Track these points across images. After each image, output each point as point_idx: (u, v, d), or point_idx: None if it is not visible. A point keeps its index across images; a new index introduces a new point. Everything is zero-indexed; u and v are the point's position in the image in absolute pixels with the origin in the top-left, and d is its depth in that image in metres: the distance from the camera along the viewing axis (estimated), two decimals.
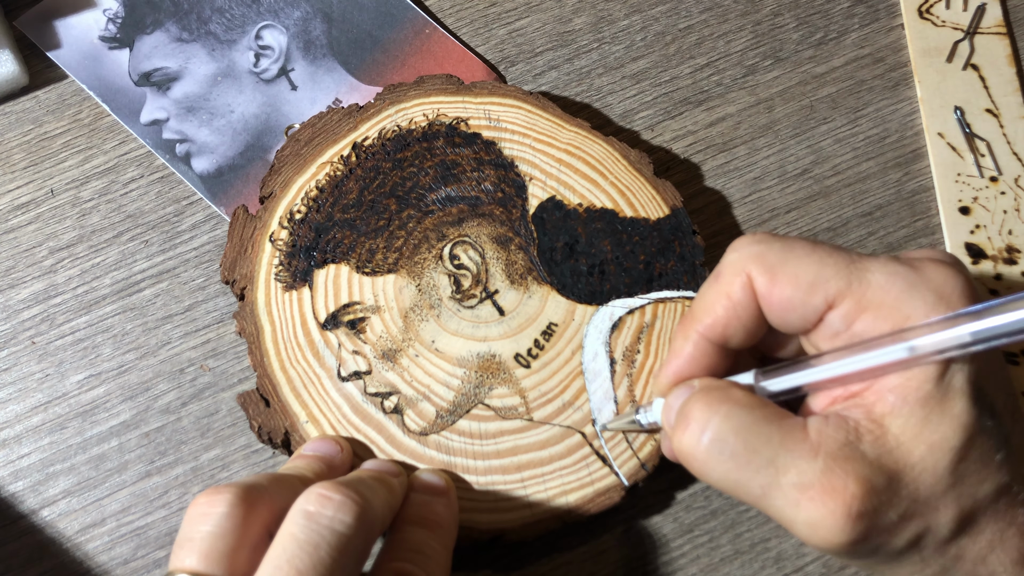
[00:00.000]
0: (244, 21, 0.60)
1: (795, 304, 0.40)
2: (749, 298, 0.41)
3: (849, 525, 0.37)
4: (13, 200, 0.57)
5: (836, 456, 0.38)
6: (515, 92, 0.55)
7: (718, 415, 0.40)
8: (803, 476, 0.38)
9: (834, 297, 0.40)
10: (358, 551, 0.40)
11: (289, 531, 0.39)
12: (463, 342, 0.51)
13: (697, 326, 0.43)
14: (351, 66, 0.59)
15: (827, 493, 0.37)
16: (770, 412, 0.40)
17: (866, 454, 0.38)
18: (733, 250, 0.42)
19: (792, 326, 0.42)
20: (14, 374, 0.53)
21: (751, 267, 0.41)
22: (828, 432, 0.38)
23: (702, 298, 0.43)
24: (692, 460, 0.41)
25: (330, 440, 0.48)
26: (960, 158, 0.58)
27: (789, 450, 0.38)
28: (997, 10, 0.61)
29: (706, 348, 0.43)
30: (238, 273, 0.52)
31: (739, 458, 0.39)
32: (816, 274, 0.40)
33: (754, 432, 0.39)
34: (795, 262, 0.40)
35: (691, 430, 0.40)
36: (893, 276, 0.39)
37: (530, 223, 0.53)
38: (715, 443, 0.40)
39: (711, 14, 0.62)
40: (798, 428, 0.39)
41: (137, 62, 0.59)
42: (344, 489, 0.41)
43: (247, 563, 0.40)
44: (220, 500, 0.40)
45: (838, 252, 0.40)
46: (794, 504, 0.38)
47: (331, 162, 0.54)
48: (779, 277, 0.40)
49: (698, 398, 0.41)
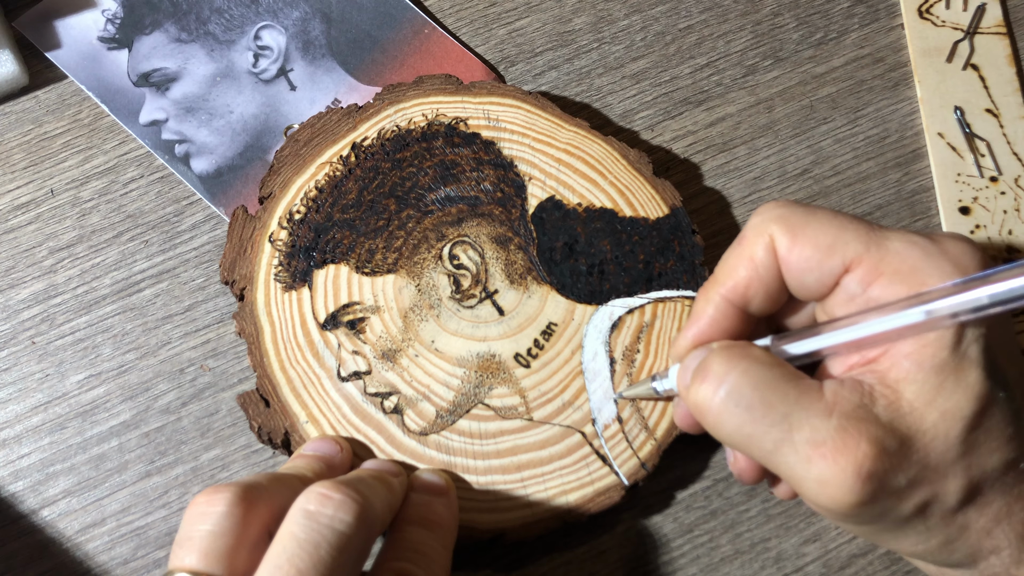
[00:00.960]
0: (243, 21, 0.60)
1: (813, 265, 0.41)
2: (771, 260, 0.42)
3: (859, 485, 0.37)
4: (13, 200, 0.57)
5: (850, 416, 0.38)
6: (514, 92, 0.55)
7: (736, 369, 0.40)
8: (816, 433, 0.38)
9: (851, 260, 0.40)
10: (358, 550, 0.40)
11: (289, 530, 0.39)
12: (463, 342, 0.51)
13: (720, 288, 0.43)
14: (350, 66, 0.59)
15: (839, 451, 0.37)
16: (788, 371, 0.40)
17: (879, 417, 0.38)
18: (757, 214, 0.43)
19: (809, 289, 0.42)
20: (14, 374, 0.53)
21: (773, 228, 0.42)
22: (843, 394, 0.39)
23: (725, 262, 0.44)
24: (707, 413, 0.41)
25: (330, 440, 0.48)
26: (960, 158, 0.58)
27: (804, 408, 0.39)
28: (997, 10, 0.61)
29: (727, 311, 0.43)
30: (237, 273, 0.52)
31: (754, 411, 0.39)
32: (836, 237, 0.40)
33: (771, 387, 0.39)
34: (816, 224, 0.41)
35: (708, 382, 0.41)
36: (911, 244, 0.40)
37: (529, 223, 0.53)
38: (732, 395, 0.40)
39: (711, 14, 0.62)
40: (814, 388, 0.39)
41: (136, 63, 0.59)
42: (344, 488, 0.41)
43: (247, 562, 0.40)
44: (219, 499, 0.40)
45: (859, 220, 0.41)
46: (805, 460, 0.38)
47: (330, 162, 0.54)
48: (799, 238, 0.41)
49: (718, 352, 0.41)
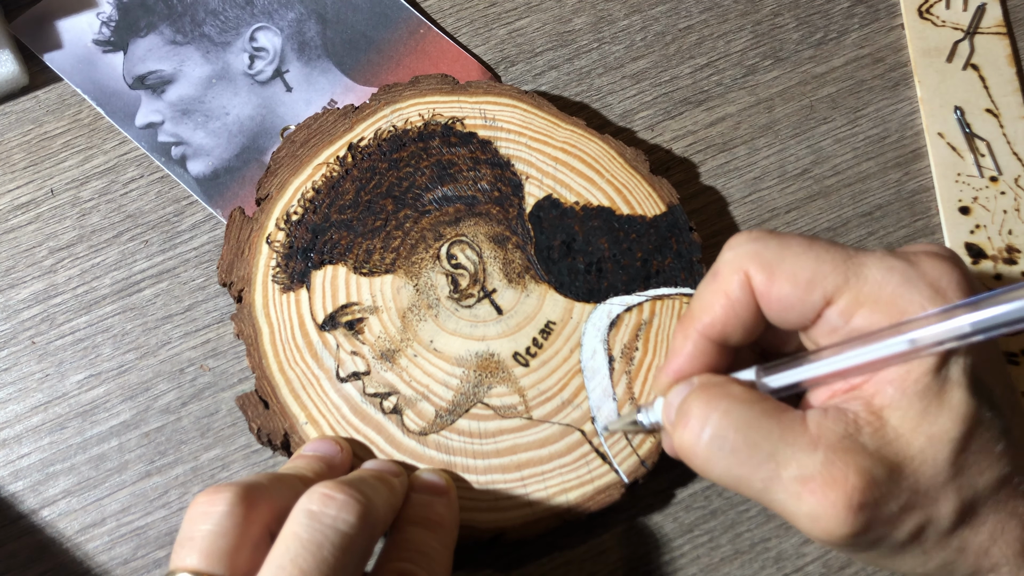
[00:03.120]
0: (238, 23, 0.60)
1: (793, 302, 0.40)
2: (747, 296, 0.41)
3: (851, 517, 0.37)
4: (13, 200, 0.57)
5: (836, 448, 0.38)
6: (510, 91, 0.55)
7: (717, 411, 0.40)
8: (804, 469, 0.38)
9: (832, 294, 0.40)
10: (361, 550, 0.40)
11: (292, 530, 0.39)
12: (461, 341, 0.51)
13: (696, 325, 0.43)
14: (346, 67, 0.59)
15: (828, 485, 0.37)
16: (769, 406, 0.40)
17: (866, 446, 0.38)
18: (729, 248, 0.42)
19: (791, 323, 0.42)
20: (14, 374, 0.54)
21: (748, 265, 0.41)
22: (827, 424, 0.39)
23: (700, 297, 0.43)
24: (693, 457, 0.41)
25: (330, 440, 0.48)
26: (960, 158, 0.58)
27: (789, 444, 0.38)
28: (997, 10, 0.61)
29: (706, 346, 0.43)
30: (235, 275, 0.52)
31: (739, 453, 0.39)
32: (814, 271, 0.40)
33: (754, 427, 0.39)
34: (792, 259, 0.40)
35: (691, 427, 0.40)
36: (889, 271, 0.39)
37: (527, 222, 0.53)
38: (715, 439, 0.39)
39: (711, 14, 0.62)
40: (797, 422, 0.39)
41: (131, 65, 0.59)
42: (347, 488, 0.41)
43: (248, 562, 0.40)
44: (220, 499, 0.40)
45: (834, 248, 0.41)
46: (795, 497, 0.38)
47: (327, 163, 0.54)
48: (777, 275, 0.40)
49: (697, 395, 0.41)
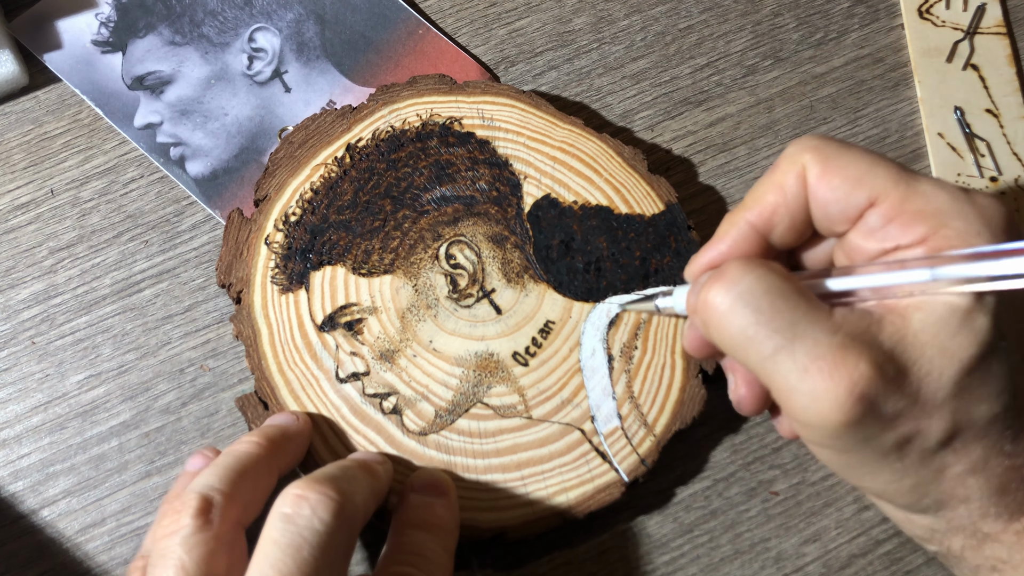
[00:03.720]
0: (237, 24, 0.60)
1: (840, 196, 0.41)
2: (800, 188, 0.42)
3: (849, 403, 0.37)
4: (13, 200, 0.57)
5: (855, 337, 0.38)
6: (508, 91, 0.56)
7: (752, 274, 0.40)
8: (818, 346, 0.38)
9: (878, 195, 0.40)
10: (341, 545, 0.41)
11: (270, 536, 0.40)
12: (461, 341, 0.51)
13: (745, 213, 0.43)
14: (344, 67, 0.59)
15: (837, 367, 0.38)
16: (802, 287, 0.40)
17: (883, 343, 0.38)
18: (793, 144, 0.43)
19: (833, 220, 0.42)
20: (14, 374, 0.54)
21: (807, 157, 0.42)
22: (851, 318, 0.39)
23: (755, 188, 0.44)
24: (713, 312, 0.40)
25: (285, 413, 0.49)
26: (960, 158, 0.58)
27: (811, 321, 0.39)
28: (997, 10, 0.61)
29: (749, 236, 0.43)
30: (234, 276, 0.52)
31: (762, 313, 0.39)
32: (866, 171, 0.40)
33: (783, 295, 0.39)
34: (849, 157, 0.41)
35: (722, 282, 0.40)
36: (940, 188, 0.40)
37: (525, 221, 0.53)
38: (742, 297, 0.40)
39: (711, 14, 0.62)
40: (824, 308, 0.39)
41: (130, 66, 0.59)
42: (318, 487, 0.41)
43: (226, 561, 0.41)
44: (182, 516, 0.41)
45: (893, 161, 0.41)
46: (802, 370, 0.38)
47: (325, 164, 0.54)
48: (830, 168, 0.41)
49: (737, 259, 0.41)
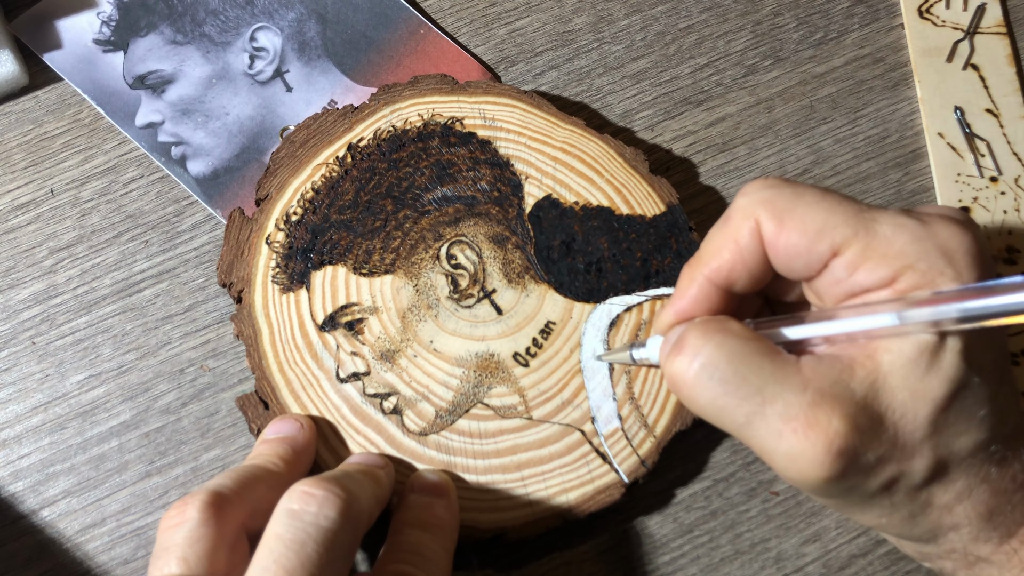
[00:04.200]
0: (238, 23, 0.60)
1: (800, 251, 0.40)
2: (756, 243, 0.42)
3: (828, 460, 0.37)
4: (13, 200, 0.57)
5: (824, 392, 0.38)
6: (510, 91, 0.55)
7: (711, 342, 0.40)
8: (789, 408, 0.38)
9: (840, 245, 0.40)
10: (345, 544, 0.41)
11: (274, 531, 0.40)
12: (461, 342, 0.51)
13: (703, 269, 0.43)
14: (346, 67, 0.59)
15: (811, 427, 0.38)
16: (764, 346, 0.40)
17: (855, 392, 0.38)
18: (743, 195, 0.42)
19: (796, 272, 0.42)
20: (14, 374, 0.54)
21: (760, 212, 0.41)
22: (820, 369, 0.39)
23: (710, 241, 0.43)
24: (681, 385, 0.41)
25: (289, 419, 0.49)
26: (960, 158, 0.58)
27: (779, 382, 0.39)
28: (997, 10, 0.61)
29: (710, 291, 0.43)
30: (235, 276, 0.52)
31: (728, 384, 0.39)
32: (824, 221, 0.40)
33: (746, 361, 0.39)
34: (804, 209, 0.40)
35: (684, 354, 0.41)
36: (900, 228, 0.39)
37: (526, 222, 0.53)
38: (706, 368, 0.40)
39: (711, 14, 0.62)
40: (791, 363, 0.39)
41: (131, 65, 0.59)
42: (326, 484, 0.41)
43: (227, 562, 0.41)
44: (190, 508, 0.41)
45: (847, 201, 0.41)
46: (776, 434, 0.38)
47: (327, 163, 0.54)
48: (787, 223, 0.40)
49: (695, 326, 0.41)
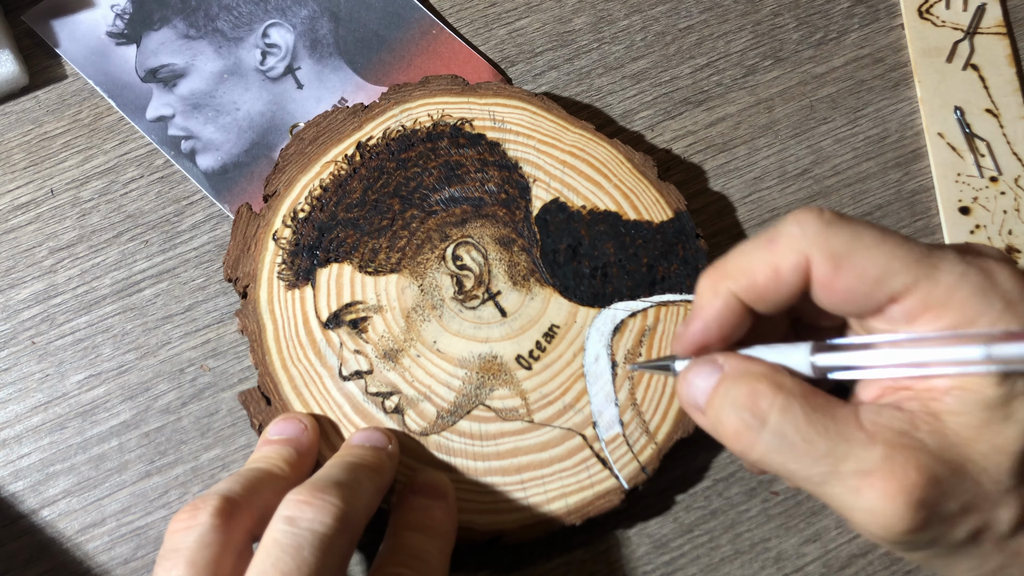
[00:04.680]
0: (251, 19, 0.60)
1: (857, 297, 0.39)
2: (799, 278, 0.39)
3: (910, 513, 0.36)
4: (13, 200, 0.56)
5: (895, 444, 0.37)
6: (520, 93, 0.55)
7: (775, 408, 0.38)
8: (862, 463, 0.37)
9: (899, 292, 0.38)
10: (342, 550, 0.41)
11: (272, 537, 0.41)
12: (465, 343, 0.51)
13: (731, 283, 0.41)
14: (357, 65, 0.59)
15: (888, 480, 0.36)
16: (822, 401, 0.39)
17: (926, 443, 0.37)
18: (796, 223, 0.39)
19: (846, 312, 0.40)
20: (14, 374, 0.53)
21: (813, 251, 0.39)
22: (882, 422, 0.38)
23: (744, 255, 0.41)
24: (749, 452, 0.39)
25: (293, 419, 0.49)
26: (960, 158, 0.58)
27: (846, 439, 0.37)
28: (997, 10, 0.62)
29: (736, 307, 0.41)
30: (241, 271, 0.52)
31: (797, 449, 0.38)
32: (884, 268, 0.38)
33: (811, 423, 0.38)
34: (863, 252, 0.38)
35: (747, 422, 0.39)
36: (963, 278, 0.37)
37: (533, 225, 0.53)
38: (774, 437, 0.38)
39: (711, 14, 0.62)
40: (852, 417, 0.38)
41: (144, 58, 0.59)
42: (322, 494, 0.42)
43: (233, 569, 0.41)
44: (201, 513, 0.42)
45: (907, 244, 0.38)
46: (854, 491, 0.37)
47: (335, 161, 0.54)
48: (844, 268, 0.38)
49: (742, 385, 0.39)
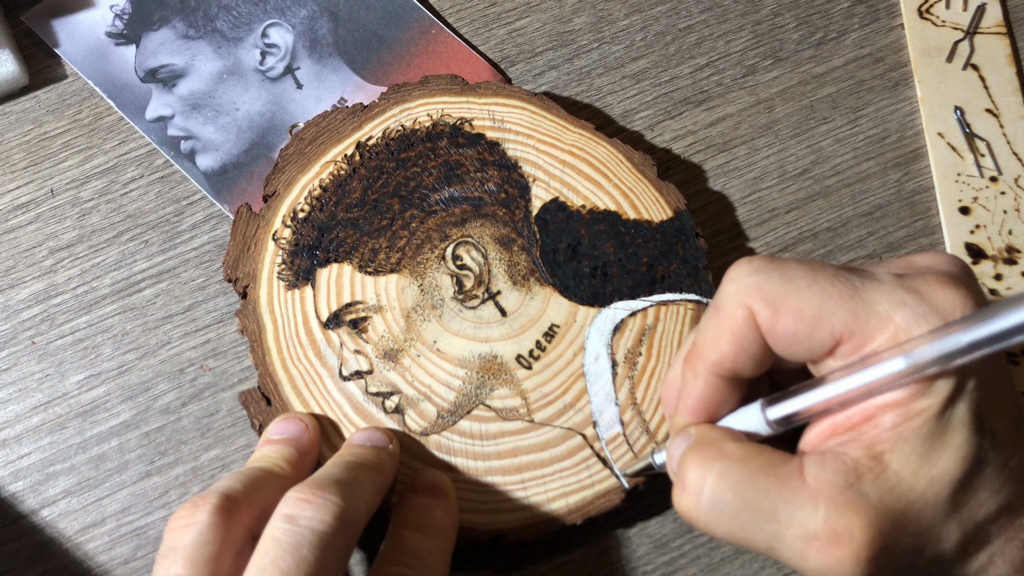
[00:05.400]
0: (251, 19, 0.60)
1: (800, 338, 0.39)
2: (753, 332, 0.40)
3: (859, 571, 0.37)
4: (13, 200, 0.56)
5: (838, 503, 0.37)
6: (519, 93, 0.55)
7: (712, 474, 0.39)
8: (806, 527, 0.37)
9: (841, 332, 0.38)
10: (341, 548, 0.42)
11: (271, 535, 0.41)
12: (465, 342, 0.51)
13: (704, 363, 0.42)
14: (357, 65, 0.59)
15: (832, 543, 0.37)
16: (764, 461, 0.39)
17: (868, 496, 0.37)
18: (731, 281, 0.41)
19: (799, 356, 0.41)
20: (14, 374, 0.53)
21: (751, 300, 0.40)
22: (826, 476, 0.38)
23: (706, 333, 0.42)
24: (695, 521, 0.40)
25: (294, 419, 0.49)
26: (960, 158, 0.58)
27: (788, 500, 0.38)
28: (997, 10, 0.62)
29: (717, 383, 0.42)
30: (241, 271, 0.52)
31: (740, 516, 0.38)
32: (820, 307, 0.39)
33: (751, 486, 0.38)
34: (796, 294, 0.39)
35: (689, 491, 0.40)
36: (899, 306, 0.38)
37: (533, 224, 0.53)
38: (714, 504, 0.39)
39: (711, 14, 0.62)
40: (795, 475, 0.38)
41: (143, 58, 0.59)
42: (322, 492, 0.42)
43: (232, 567, 0.41)
44: (200, 510, 0.42)
45: (839, 279, 0.39)
46: (801, 555, 0.37)
47: (335, 161, 0.54)
48: (781, 311, 0.39)
49: (691, 456, 0.40)
